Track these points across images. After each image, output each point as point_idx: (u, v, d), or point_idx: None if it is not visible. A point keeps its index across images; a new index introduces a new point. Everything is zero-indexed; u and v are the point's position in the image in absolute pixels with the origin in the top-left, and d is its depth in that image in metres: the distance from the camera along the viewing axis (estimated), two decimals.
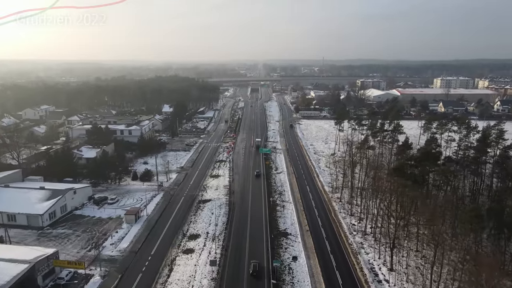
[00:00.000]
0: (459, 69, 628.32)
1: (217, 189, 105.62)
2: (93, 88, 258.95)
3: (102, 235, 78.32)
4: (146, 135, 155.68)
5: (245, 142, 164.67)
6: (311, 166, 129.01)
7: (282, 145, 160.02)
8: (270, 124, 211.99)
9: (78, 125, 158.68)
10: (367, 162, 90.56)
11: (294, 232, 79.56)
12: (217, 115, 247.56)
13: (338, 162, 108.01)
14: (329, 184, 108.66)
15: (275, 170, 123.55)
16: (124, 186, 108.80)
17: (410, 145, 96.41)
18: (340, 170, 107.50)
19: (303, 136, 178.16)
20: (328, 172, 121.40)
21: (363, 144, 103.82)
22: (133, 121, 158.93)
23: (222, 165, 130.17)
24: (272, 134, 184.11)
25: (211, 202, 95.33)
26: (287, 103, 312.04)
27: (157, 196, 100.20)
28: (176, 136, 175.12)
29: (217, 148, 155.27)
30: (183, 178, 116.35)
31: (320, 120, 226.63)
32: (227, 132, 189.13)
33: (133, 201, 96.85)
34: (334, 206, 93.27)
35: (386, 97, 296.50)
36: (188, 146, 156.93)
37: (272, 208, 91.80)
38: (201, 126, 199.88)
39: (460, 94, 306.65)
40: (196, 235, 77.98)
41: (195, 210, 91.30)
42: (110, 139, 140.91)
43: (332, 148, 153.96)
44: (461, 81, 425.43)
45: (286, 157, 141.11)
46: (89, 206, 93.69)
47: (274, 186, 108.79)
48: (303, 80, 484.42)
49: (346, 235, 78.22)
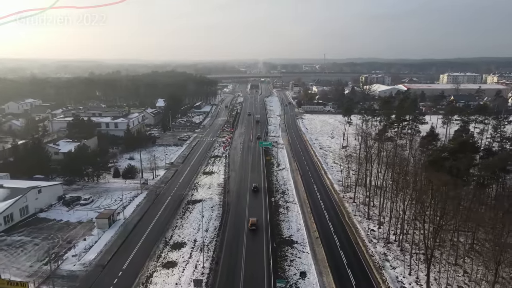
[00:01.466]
0: (463, 66, 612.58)
1: (210, 188, 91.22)
2: (83, 82, 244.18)
3: (66, 244, 63.94)
4: (134, 128, 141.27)
5: (243, 136, 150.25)
6: (317, 162, 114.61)
7: (284, 140, 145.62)
8: (271, 118, 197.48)
9: (60, 118, 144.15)
10: (387, 155, 75.99)
11: (301, 240, 65.16)
12: (214, 110, 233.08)
13: (350, 156, 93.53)
14: (339, 182, 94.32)
15: (277, 167, 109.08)
16: (103, 184, 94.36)
17: (437, 136, 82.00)
18: (352, 166, 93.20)
19: (306, 131, 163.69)
20: (337, 168, 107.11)
21: (381, 134, 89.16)
22: (120, 114, 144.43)
23: (217, 161, 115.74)
24: (273, 128, 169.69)
25: (202, 203, 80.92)
26: (289, 98, 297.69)
27: (139, 196, 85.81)
28: (168, 130, 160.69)
29: (213, 143, 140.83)
30: (172, 175, 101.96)
31: (324, 114, 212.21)
32: (225, 126, 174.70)
33: (110, 201, 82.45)
34: (347, 208, 78.86)
35: (392, 92, 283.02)
36: (181, 140, 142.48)
37: (274, 210, 77.43)
38: (196, 120, 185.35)
39: (470, 88, 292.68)
40: (181, 244, 63.57)
41: (182, 213, 76.88)
42: (93, 132, 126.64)
43: (339, 143, 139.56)
44: (468, 77, 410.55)
45: (289, 152, 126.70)
46: (57, 207, 79.29)
47: (276, 184, 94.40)
48: (304, 77, 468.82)
49: (365, 243, 63.82)
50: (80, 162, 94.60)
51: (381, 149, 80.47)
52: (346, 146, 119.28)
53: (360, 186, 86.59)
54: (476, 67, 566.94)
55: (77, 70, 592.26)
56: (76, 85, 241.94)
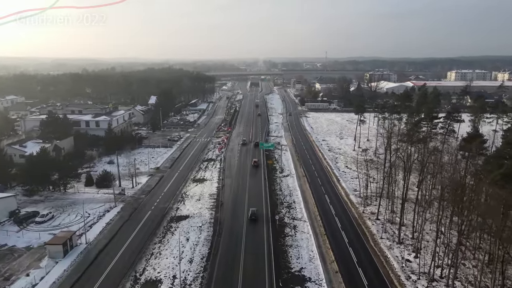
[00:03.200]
0: (468, 64, 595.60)
1: (199, 200, 75.10)
2: (70, 78, 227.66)
3: (2, 282, 47.88)
4: (119, 128, 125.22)
5: (241, 136, 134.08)
6: (327, 167, 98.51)
7: (288, 141, 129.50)
8: (272, 116, 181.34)
9: (34, 115, 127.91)
10: (422, 160, 59.84)
11: (316, 275, 49.09)
12: (211, 108, 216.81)
13: (370, 161, 77.57)
14: (356, 193, 78.28)
15: (280, 172, 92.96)
16: (71, 194, 78.24)
17: (483, 137, 65.98)
18: (371, 172, 77.24)
19: (312, 130, 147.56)
20: (351, 174, 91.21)
21: (411, 134, 72.97)
22: (102, 111, 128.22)
23: (210, 165, 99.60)
24: (275, 127, 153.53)
25: (188, 221, 65.00)
26: (291, 96, 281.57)
27: (112, 210, 69.73)
28: (158, 129, 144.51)
29: (207, 144, 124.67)
30: (156, 182, 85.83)
31: (329, 112, 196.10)
32: (221, 125, 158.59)
33: (75, 217, 66.38)
34: (370, 227, 62.78)
35: (400, 89, 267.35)
36: (171, 141, 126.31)
37: (278, 231, 61.36)
38: (190, 119, 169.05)
39: (481, 86, 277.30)
40: (155, 282, 47.46)
41: (162, 234, 60.77)
42: (69, 132, 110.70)
43: (350, 144, 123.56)
44: (477, 74, 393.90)
45: (293, 155, 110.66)
46: (5, 226, 63.19)
47: (280, 195, 78.27)
48: (306, 74, 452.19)
49: (401, 281, 47.69)
50: (44, 167, 78.31)
51: (412, 152, 64.28)
52: (365, 149, 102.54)
53: (383, 198, 70.68)
54: (482, 65, 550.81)
55: (74, 68, 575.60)
56: (63, 82, 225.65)
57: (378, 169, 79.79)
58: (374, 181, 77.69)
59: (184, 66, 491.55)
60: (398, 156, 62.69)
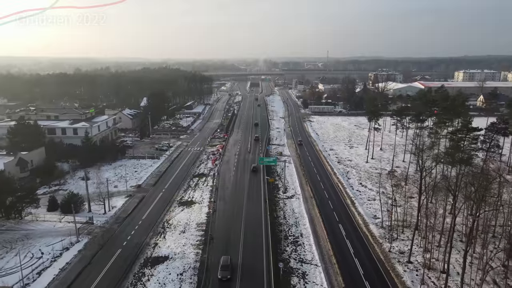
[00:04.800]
0: (473, 63, 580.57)
1: (184, 232, 60.70)
2: (56, 78, 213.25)
3: None
4: (101, 135, 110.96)
5: (239, 145, 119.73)
6: (337, 184, 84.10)
7: (291, 150, 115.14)
8: (274, 121, 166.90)
9: (3, 121, 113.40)
10: (465, 186, 45.54)
11: None
12: (207, 111, 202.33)
13: (397, 186, 63.15)
14: (377, 221, 63.91)
15: (283, 193, 78.47)
16: (28, 223, 63.83)
17: None
18: (395, 191, 62.91)
19: (317, 137, 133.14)
20: (367, 194, 77.13)
21: (454, 153, 58.39)
22: (82, 117, 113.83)
23: (201, 182, 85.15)
24: (276, 134, 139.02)
25: (167, 265, 50.63)
26: (292, 97, 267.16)
27: (72, 248, 55.34)
28: (147, 136, 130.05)
29: (200, 154, 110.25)
30: (134, 206, 71.41)
31: (335, 116, 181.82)
32: (217, 131, 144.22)
33: (23, 259, 51.85)
34: (401, 275, 48.34)
35: (408, 91, 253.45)
36: (159, 150, 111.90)
37: (283, 281, 46.88)
38: (184, 123, 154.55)
39: (493, 87, 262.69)
40: None
41: (132, 286, 46.35)
42: (41, 141, 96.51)
43: (361, 154, 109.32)
44: (486, 74, 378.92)
45: (298, 168, 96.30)
46: None
47: (284, 224, 63.78)
48: (307, 74, 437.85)
49: None
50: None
51: (450, 174, 49.75)
52: (392, 170, 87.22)
53: (408, 229, 56.36)
54: (488, 65, 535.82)
55: (70, 68, 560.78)
56: (50, 83, 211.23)
57: (398, 188, 65.62)
58: (396, 204, 63.27)
59: (183, 66, 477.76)
60: (439, 182, 48.05)
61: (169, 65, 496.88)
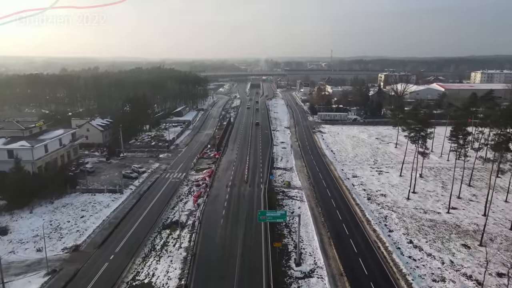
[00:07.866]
0: (483, 63, 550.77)
1: None
2: (25, 79, 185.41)
3: None
4: (47, 158, 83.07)
5: (234, 169, 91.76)
6: (376, 241, 56.04)
7: (302, 177, 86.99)
8: (277, 132, 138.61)
9: None
10: None
11: None
12: (199, 118, 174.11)
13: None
14: None
15: (296, 265, 50.22)
16: None
17: None
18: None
19: (334, 156, 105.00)
20: (426, 265, 49.03)
21: None
22: (24, 133, 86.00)
23: (171, 240, 57.00)
24: (281, 152, 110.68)
25: None
26: (297, 101, 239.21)
27: None
28: (117, 156, 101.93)
29: (180, 184, 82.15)
30: None
31: (349, 126, 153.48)
32: (207, 147, 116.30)
33: None
34: None
35: (428, 94, 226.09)
36: (127, 179, 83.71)
37: None
38: (168, 136, 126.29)
39: None
40: None
41: None
42: None
43: (396, 184, 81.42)
44: (506, 75, 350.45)
45: (314, 210, 68.19)
46: None
47: None
48: (312, 75, 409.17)
49: None
50: None
51: None
52: (489, 241, 57.50)
53: None
54: (499, 65, 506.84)
55: (65, 67, 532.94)
56: (19, 84, 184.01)
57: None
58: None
59: (181, 66, 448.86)
60: None
61: (164, 65, 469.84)
